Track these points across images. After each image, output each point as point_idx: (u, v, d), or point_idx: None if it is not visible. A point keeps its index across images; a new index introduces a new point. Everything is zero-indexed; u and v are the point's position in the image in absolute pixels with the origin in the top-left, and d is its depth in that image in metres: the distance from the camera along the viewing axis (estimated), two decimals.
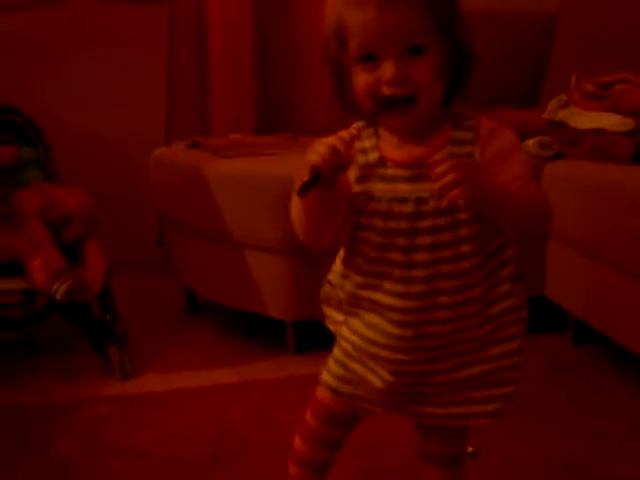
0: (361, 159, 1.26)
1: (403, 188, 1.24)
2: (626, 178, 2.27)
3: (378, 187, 1.25)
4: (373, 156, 1.27)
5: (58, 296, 2.25)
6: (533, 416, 2.10)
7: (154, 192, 2.91)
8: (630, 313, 2.21)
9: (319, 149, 1.17)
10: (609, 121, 2.47)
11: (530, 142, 2.57)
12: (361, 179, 1.26)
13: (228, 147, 2.77)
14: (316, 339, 2.38)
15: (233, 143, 2.86)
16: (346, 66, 1.23)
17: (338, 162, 1.16)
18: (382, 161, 1.26)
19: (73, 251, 2.41)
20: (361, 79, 1.21)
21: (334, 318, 1.40)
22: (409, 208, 1.23)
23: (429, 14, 1.18)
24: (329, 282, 1.40)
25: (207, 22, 3.20)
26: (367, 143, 1.28)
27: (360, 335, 1.33)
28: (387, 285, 1.26)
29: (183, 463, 1.89)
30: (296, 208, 1.25)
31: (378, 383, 1.33)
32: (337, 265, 1.37)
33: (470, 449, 1.85)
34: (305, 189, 1.14)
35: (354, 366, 1.36)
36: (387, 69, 1.17)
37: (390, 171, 1.25)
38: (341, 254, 1.35)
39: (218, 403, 2.21)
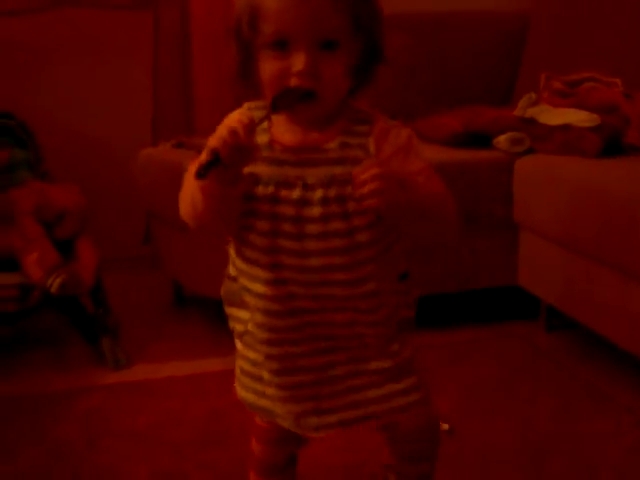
0: (259, 137, 1.22)
1: (290, 172, 1.21)
2: (593, 171, 2.37)
3: (265, 170, 1.21)
4: (262, 139, 1.22)
5: (53, 290, 2.35)
6: (506, 397, 2.21)
7: (142, 190, 2.99)
8: (599, 299, 2.31)
9: (220, 133, 1.13)
10: (577, 117, 2.56)
11: (502, 138, 2.66)
12: None
13: None
14: None
15: None
16: (255, 49, 1.19)
17: (238, 144, 1.10)
18: (271, 144, 1.22)
19: (66, 247, 2.51)
20: (269, 66, 1.17)
21: (239, 317, 1.34)
22: (296, 194, 1.20)
23: (347, 10, 1.15)
24: (229, 277, 1.34)
25: (191, 27, 3.27)
26: (258, 125, 1.20)
27: (261, 327, 1.28)
28: (282, 273, 1.22)
29: (175, 444, 1.99)
30: (188, 192, 1.21)
31: (270, 391, 1.31)
32: (233, 256, 1.31)
33: (445, 427, 1.97)
34: (203, 171, 1.09)
35: (255, 375, 1.34)
36: (299, 60, 1.14)
37: (278, 154, 1.22)
38: (231, 249, 1.31)
39: (206, 389, 2.31)
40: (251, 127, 1.13)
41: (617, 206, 2.15)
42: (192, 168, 1.16)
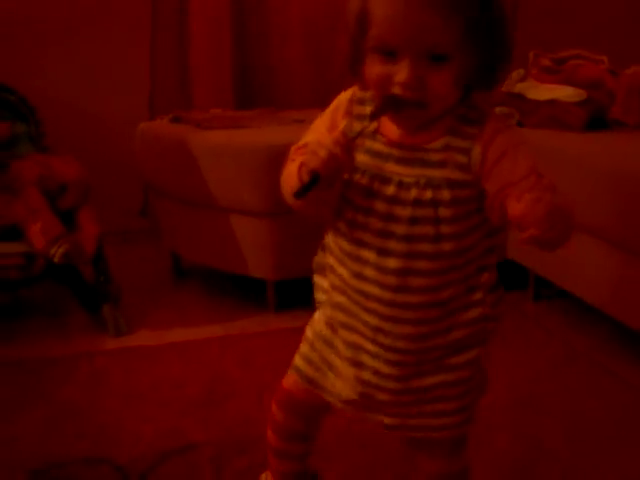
0: (356, 125, 1.19)
1: (388, 167, 1.17)
2: (579, 144, 2.47)
3: (364, 160, 1.18)
4: (370, 126, 1.18)
5: (56, 259, 2.42)
6: (493, 358, 2.30)
7: (140, 164, 3.05)
8: (585, 268, 2.40)
9: (319, 152, 1.09)
10: (563, 93, 2.64)
11: None
12: None
13: (210, 120, 2.92)
14: (295, 297, 2.57)
15: (214, 117, 3.00)
16: (363, 48, 1.14)
17: (337, 167, 1.09)
18: (375, 134, 1.19)
19: (68, 217, 2.57)
20: (374, 69, 1.12)
21: (323, 286, 1.33)
22: (390, 190, 1.16)
23: (458, 22, 1.07)
24: (323, 247, 1.32)
25: (188, 3, 3.33)
26: (367, 110, 1.18)
27: (339, 308, 1.28)
28: (364, 269, 1.20)
29: (177, 405, 2.07)
30: (288, 184, 1.20)
31: (337, 362, 1.30)
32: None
33: None
34: (303, 192, 1.09)
35: (321, 345, 1.33)
36: (402, 71, 1.08)
37: (379, 146, 1.18)
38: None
39: (207, 354, 2.39)
40: (351, 145, 1.11)
41: (601, 177, 2.23)
42: (293, 164, 1.19)
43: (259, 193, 2.51)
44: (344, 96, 1.24)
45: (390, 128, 1.18)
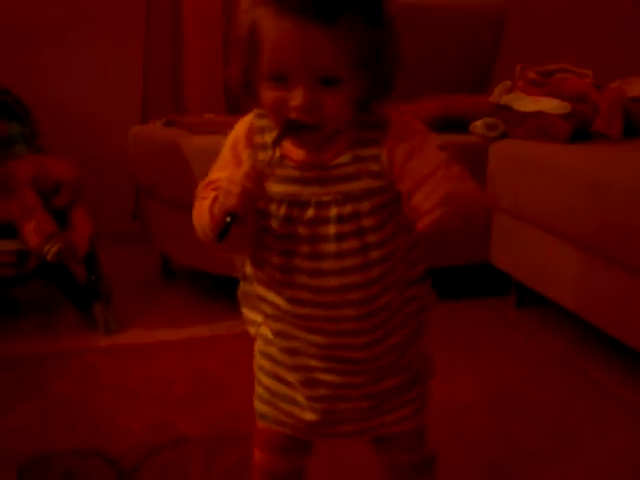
0: (261, 155, 1.15)
1: (303, 191, 1.15)
2: (563, 155, 2.51)
3: (276, 189, 1.15)
4: (274, 153, 1.15)
5: (49, 257, 2.47)
6: (474, 361, 2.37)
7: (132, 166, 3.10)
8: (567, 276, 2.45)
9: (232, 190, 1.07)
10: (549, 105, 2.70)
11: (478, 123, 2.80)
12: None
13: (202, 125, 2.96)
14: None
15: (207, 122, 3.05)
16: (255, 72, 1.11)
17: (252, 202, 1.07)
18: (282, 160, 1.16)
19: (62, 217, 2.62)
20: (268, 95, 1.09)
21: (254, 319, 1.32)
22: (310, 213, 1.14)
23: (349, 47, 1.06)
24: (245, 277, 1.31)
25: (182, 8, 3.39)
26: (268, 138, 1.16)
27: (278, 335, 1.26)
28: (299, 293, 1.18)
29: (166, 400, 2.13)
30: (201, 222, 1.17)
31: (285, 390, 1.28)
32: (249, 260, 1.27)
33: None
34: (223, 234, 1.06)
35: (265, 379, 1.31)
36: (297, 96, 1.06)
37: (289, 171, 1.16)
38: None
39: (195, 352, 2.45)
40: (262, 177, 1.08)
41: (583, 188, 2.29)
42: (204, 202, 1.15)
43: None
44: (241, 128, 1.21)
45: (294, 151, 1.16)
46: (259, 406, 1.34)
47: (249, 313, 1.32)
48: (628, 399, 2.15)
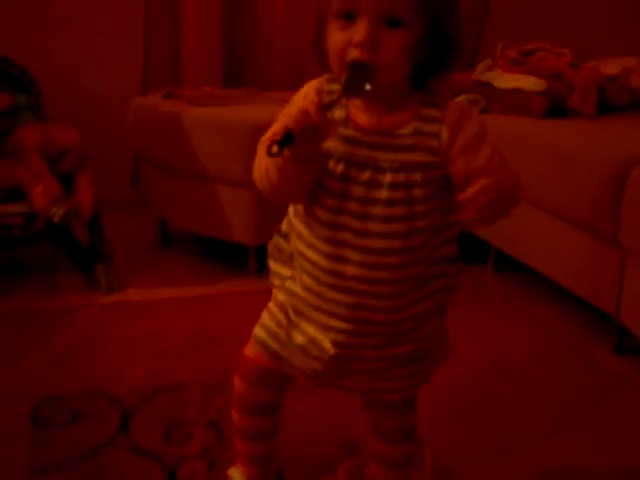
0: (329, 115, 1.20)
1: (362, 153, 1.21)
2: (539, 130, 2.67)
3: (337, 147, 1.21)
4: (339, 114, 1.22)
5: (56, 218, 2.63)
6: (452, 322, 2.52)
7: (132, 136, 3.25)
8: (540, 242, 2.62)
9: (291, 112, 1.13)
10: (526, 82, 2.84)
11: (460, 98, 2.95)
12: None
13: (201, 97, 3.11)
14: None
15: (205, 94, 3.20)
16: (326, 19, 1.18)
17: (310, 124, 1.10)
18: (346, 121, 1.22)
19: (67, 182, 2.77)
20: (334, 37, 1.16)
21: (281, 273, 1.37)
22: (366, 176, 1.20)
23: None
24: (280, 232, 1.38)
25: None
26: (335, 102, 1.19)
27: (309, 291, 1.30)
28: (342, 251, 1.24)
29: (168, 351, 2.29)
30: (263, 166, 1.22)
31: (300, 339, 1.32)
32: (291, 217, 1.34)
33: None
34: (276, 149, 1.08)
35: (284, 321, 1.35)
36: (359, 30, 1.12)
37: (352, 133, 1.21)
38: (291, 208, 1.34)
39: (191, 309, 2.62)
40: (323, 106, 1.15)
41: (558, 160, 2.44)
42: (265, 142, 1.19)
43: (244, 165, 2.69)
44: (312, 84, 1.27)
45: (359, 116, 1.22)
46: (262, 333, 1.40)
47: (278, 267, 1.38)
48: (590, 353, 2.33)
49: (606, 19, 3.17)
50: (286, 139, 1.08)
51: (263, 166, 1.21)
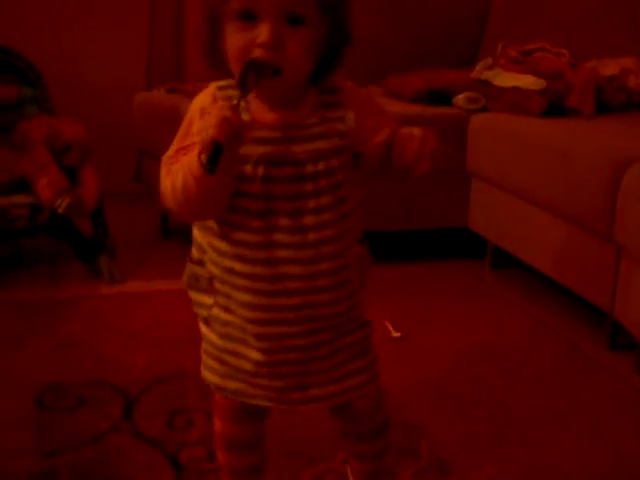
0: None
1: (278, 150, 1.18)
2: (537, 128, 2.70)
3: (251, 150, 1.17)
4: (244, 117, 1.14)
5: (60, 210, 2.67)
6: (449, 314, 2.58)
7: (137, 130, 3.29)
8: (537, 239, 2.67)
9: (210, 122, 1.07)
10: (525, 81, 2.87)
11: (460, 97, 2.99)
12: None
13: None
14: None
15: None
16: (222, 20, 1.14)
17: (233, 128, 1.05)
18: (252, 123, 1.16)
19: (72, 174, 2.81)
20: (234, 39, 1.12)
21: (203, 302, 1.34)
22: (288, 171, 1.18)
23: None
24: (192, 260, 1.36)
25: None
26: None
27: (235, 313, 1.26)
28: (277, 252, 1.20)
29: (169, 340, 2.33)
30: (177, 185, 1.15)
31: (248, 366, 1.28)
32: (200, 240, 1.30)
33: (397, 334, 2.34)
34: (211, 166, 1.04)
35: (226, 357, 1.32)
36: (264, 31, 1.09)
37: (262, 133, 1.18)
38: (197, 231, 1.31)
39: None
40: (237, 107, 1.08)
41: (555, 158, 2.48)
42: (169, 160, 1.19)
43: None
44: (203, 99, 1.24)
45: (264, 116, 1.19)
46: (215, 379, 1.36)
47: (199, 296, 1.35)
48: (583, 348, 2.38)
49: (605, 20, 3.21)
50: (216, 151, 1.04)
51: (178, 183, 1.15)
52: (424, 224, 3.07)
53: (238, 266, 1.22)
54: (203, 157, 1.06)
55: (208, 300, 1.32)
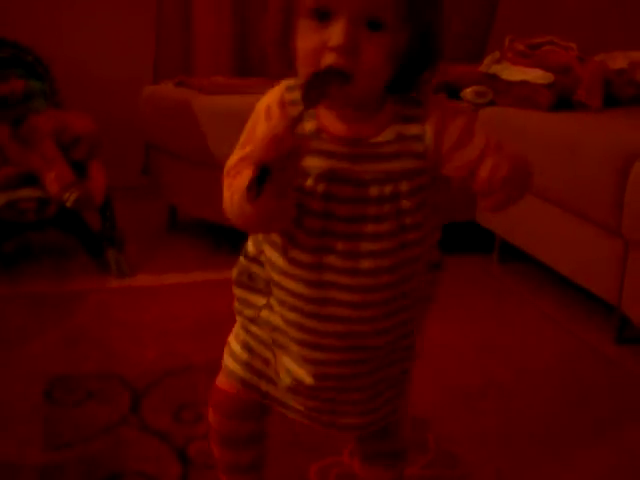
0: (297, 129, 1.03)
1: (342, 167, 1.06)
2: (545, 122, 2.70)
3: (314, 163, 1.07)
4: (309, 126, 1.08)
5: (68, 204, 2.67)
6: (458, 306, 2.57)
7: (144, 124, 3.30)
8: (545, 233, 2.67)
9: (257, 144, 0.96)
10: (533, 75, 2.87)
11: (468, 90, 3.00)
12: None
13: (212, 86, 3.15)
14: None
15: (216, 83, 3.24)
16: (295, 16, 1.04)
17: (283, 150, 0.94)
18: (318, 132, 1.07)
19: (80, 168, 2.81)
20: (305, 40, 1.02)
21: (253, 302, 1.23)
22: (350, 191, 1.07)
23: None
24: (247, 256, 1.23)
25: None
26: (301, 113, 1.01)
27: (284, 323, 1.17)
28: (327, 276, 1.10)
29: (176, 333, 2.34)
30: (236, 206, 1.06)
31: (288, 380, 1.20)
32: (259, 239, 1.19)
33: None
34: (256, 191, 0.93)
35: (268, 355, 1.24)
36: (337, 32, 0.98)
37: (327, 145, 1.07)
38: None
39: (198, 294, 2.67)
40: (293, 124, 0.98)
41: (563, 152, 2.48)
42: (231, 173, 1.10)
43: None
44: (271, 97, 1.13)
45: (333, 125, 1.08)
46: (239, 370, 1.29)
47: (248, 295, 1.24)
48: (591, 342, 2.38)
49: (613, 13, 3.21)
50: (262, 176, 0.93)
51: (235, 202, 1.06)
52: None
53: (285, 281, 1.13)
54: (249, 184, 0.94)
55: (260, 301, 1.22)
